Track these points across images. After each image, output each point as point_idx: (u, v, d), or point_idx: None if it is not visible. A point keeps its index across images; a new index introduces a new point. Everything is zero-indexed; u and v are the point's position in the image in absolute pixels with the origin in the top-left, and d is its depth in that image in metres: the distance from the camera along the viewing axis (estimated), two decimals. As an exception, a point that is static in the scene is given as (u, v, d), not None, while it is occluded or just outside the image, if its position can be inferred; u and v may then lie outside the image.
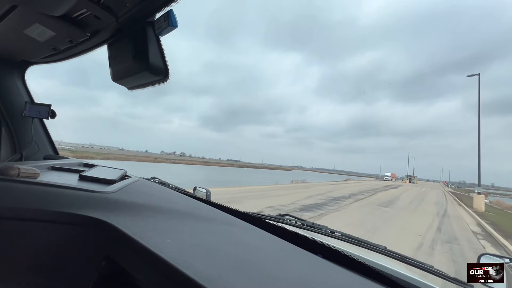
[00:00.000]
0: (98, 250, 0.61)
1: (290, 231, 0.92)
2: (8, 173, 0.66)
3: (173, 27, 0.81)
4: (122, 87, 1.03)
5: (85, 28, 0.91)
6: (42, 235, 0.61)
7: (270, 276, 0.52)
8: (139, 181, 1.03)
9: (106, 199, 0.71)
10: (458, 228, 8.91)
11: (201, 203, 1.06)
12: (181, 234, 0.65)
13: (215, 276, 0.45)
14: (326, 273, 0.64)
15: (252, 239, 0.76)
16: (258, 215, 1.09)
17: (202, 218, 0.82)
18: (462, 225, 9.81)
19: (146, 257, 0.51)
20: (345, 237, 0.98)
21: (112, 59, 0.98)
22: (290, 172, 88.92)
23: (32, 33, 0.99)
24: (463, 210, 14.99)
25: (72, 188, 0.70)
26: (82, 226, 0.62)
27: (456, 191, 43.62)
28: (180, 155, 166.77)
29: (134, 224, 0.61)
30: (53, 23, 0.89)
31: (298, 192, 15.17)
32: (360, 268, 0.69)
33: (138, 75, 0.88)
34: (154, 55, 0.85)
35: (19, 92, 1.41)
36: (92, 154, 38.82)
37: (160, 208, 0.78)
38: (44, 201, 0.63)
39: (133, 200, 0.76)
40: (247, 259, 0.59)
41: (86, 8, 0.80)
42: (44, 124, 1.50)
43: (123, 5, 0.80)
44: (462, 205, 17.22)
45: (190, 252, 0.54)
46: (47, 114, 1.39)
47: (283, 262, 0.63)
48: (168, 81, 0.89)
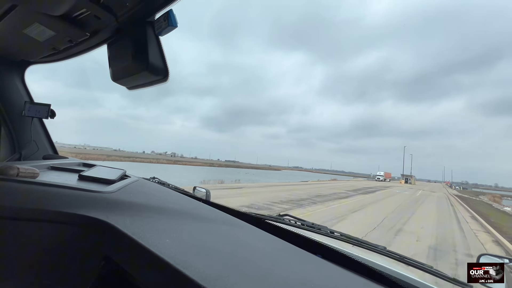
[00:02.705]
0: (97, 250, 0.61)
1: (290, 231, 0.92)
2: (7, 172, 0.66)
3: (173, 27, 0.81)
4: (124, 88, 1.03)
5: (84, 28, 0.91)
6: (42, 235, 0.61)
7: (269, 276, 0.52)
8: (138, 181, 1.03)
9: (105, 199, 0.71)
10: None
11: (201, 203, 1.05)
12: (180, 234, 0.65)
13: (215, 276, 0.45)
14: (326, 273, 0.64)
15: (252, 239, 0.75)
16: (258, 215, 1.08)
17: (202, 218, 0.82)
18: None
19: (145, 257, 0.51)
20: (345, 237, 0.98)
21: (112, 59, 0.98)
22: (280, 172, 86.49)
23: (31, 33, 0.99)
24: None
25: (72, 188, 0.70)
26: (82, 226, 0.62)
27: (464, 194, 32.07)
28: (171, 155, 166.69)
29: (134, 224, 0.61)
30: (53, 22, 0.89)
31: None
32: (359, 268, 0.69)
33: (138, 75, 0.88)
34: (154, 55, 0.85)
35: (18, 92, 1.41)
36: (68, 154, 38.50)
37: (159, 208, 0.78)
38: (43, 201, 0.63)
39: (132, 200, 0.76)
40: (247, 259, 0.58)
41: (85, 8, 0.80)
42: (44, 124, 1.50)
43: (123, 5, 0.80)
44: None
45: (190, 252, 0.54)
46: (47, 113, 1.39)
47: (282, 262, 0.63)
48: (168, 81, 0.89)
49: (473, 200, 22.88)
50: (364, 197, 16.18)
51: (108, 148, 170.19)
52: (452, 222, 10.34)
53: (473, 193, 39.87)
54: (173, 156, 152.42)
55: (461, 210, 14.65)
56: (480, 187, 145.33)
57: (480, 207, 16.56)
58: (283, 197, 12.03)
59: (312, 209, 9.71)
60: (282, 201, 10.76)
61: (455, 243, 6.92)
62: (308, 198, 12.73)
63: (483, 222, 10.49)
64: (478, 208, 15.96)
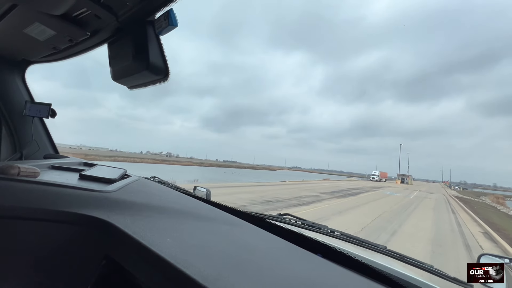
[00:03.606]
0: (98, 249, 0.61)
1: (290, 230, 0.92)
2: (8, 172, 0.66)
3: (173, 27, 0.80)
4: (124, 88, 1.03)
5: (85, 27, 0.91)
6: (42, 234, 0.61)
7: (270, 276, 0.52)
8: (139, 180, 1.03)
9: (106, 198, 0.71)
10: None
11: (201, 202, 1.06)
12: (181, 234, 0.65)
13: (215, 275, 0.45)
14: (326, 273, 0.64)
15: (252, 239, 0.76)
16: (258, 215, 1.09)
17: (202, 218, 0.82)
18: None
19: (146, 257, 0.51)
20: (345, 236, 0.98)
21: (112, 58, 0.98)
22: (274, 172, 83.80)
23: (32, 32, 0.99)
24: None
25: (72, 187, 0.70)
26: (82, 225, 0.62)
27: (464, 196, 29.30)
28: (166, 155, 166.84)
29: (134, 224, 0.61)
30: (53, 22, 0.89)
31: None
32: (360, 267, 0.69)
33: (138, 74, 0.88)
34: (154, 54, 0.85)
35: (19, 91, 1.41)
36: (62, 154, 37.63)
37: (160, 208, 0.78)
38: (44, 200, 0.63)
39: (133, 199, 0.76)
40: (247, 259, 0.59)
41: (86, 7, 0.80)
42: (44, 123, 1.50)
43: (123, 4, 0.80)
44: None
45: (190, 252, 0.54)
46: (47, 113, 1.40)
47: (283, 262, 0.63)
48: (168, 81, 0.89)
49: (476, 203, 20.28)
50: (338, 203, 12.09)
51: (105, 148, 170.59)
52: (459, 250, 6.23)
53: (473, 194, 37.71)
54: (168, 156, 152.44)
55: (467, 220, 11.02)
56: (479, 187, 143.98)
57: (488, 213, 13.47)
58: (228, 201, 8.37)
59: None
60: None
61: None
62: (251, 204, 9.04)
63: (505, 246, 6.89)
64: (485, 214, 12.76)
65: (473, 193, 40.99)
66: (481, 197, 25.88)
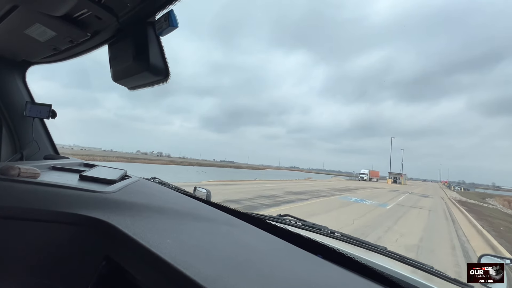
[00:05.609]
0: (98, 250, 0.61)
1: (290, 231, 0.91)
2: (8, 173, 0.66)
3: (174, 27, 0.81)
4: (123, 88, 1.03)
5: (85, 28, 0.91)
6: (43, 235, 0.61)
7: (270, 277, 0.52)
8: (139, 181, 1.03)
9: (106, 199, 0.71)
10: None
11: (201, 203, 1.05)
12: (181, 234, 0.65)
13: (215, 276, 0.45)
14: (326, 274, 0.64)
15: (252, 240, 0.75)
16: (258, 215, 1.08)
17: (202, 218, 0.82)
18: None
19: (146, 257, 0.51)
20: (345, 237, 0.98)
21: (112, 59, 0.98)
22: (264, 171, 79.21)
23: (32, 33, 0.99)
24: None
25: (73, 188, 0.70)
26: (83, 226, 0.62)
27: (468, 199, 22.60)
28: (157, 154, 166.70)
29: (134, 224, 0.61)
30: (54, 23, 0.89)
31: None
32: (360, 268, 0.69)
33: (139, 75, 0.88)
34: (155, 55, 0.85)
35: (19, 92, 1.41)
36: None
37: (160, 208, 0.78)
38: (44, 201, 0.63)
39: (133, 200, 0.76)
40: (247, 260, 0.59)
41: (87, 8, 0.80)
42: (45, 124, 1.50)
43: (124, 5, 0.80)
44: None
45: (190, 253, 0.54)
46: (48, 114, 1.40)
47: (283, 263, 0.63)
48: (168, 81, 0.89)
49: (485, 208, 14.46)
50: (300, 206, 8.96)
51: (98, 148, 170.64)
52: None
53: (477, 196, 30.48)
54: (159, 156, 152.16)
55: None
56: (479, 186, 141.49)
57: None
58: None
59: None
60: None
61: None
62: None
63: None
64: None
65: (476, 194, 34.01)
66: (486, 199, 20.38)
